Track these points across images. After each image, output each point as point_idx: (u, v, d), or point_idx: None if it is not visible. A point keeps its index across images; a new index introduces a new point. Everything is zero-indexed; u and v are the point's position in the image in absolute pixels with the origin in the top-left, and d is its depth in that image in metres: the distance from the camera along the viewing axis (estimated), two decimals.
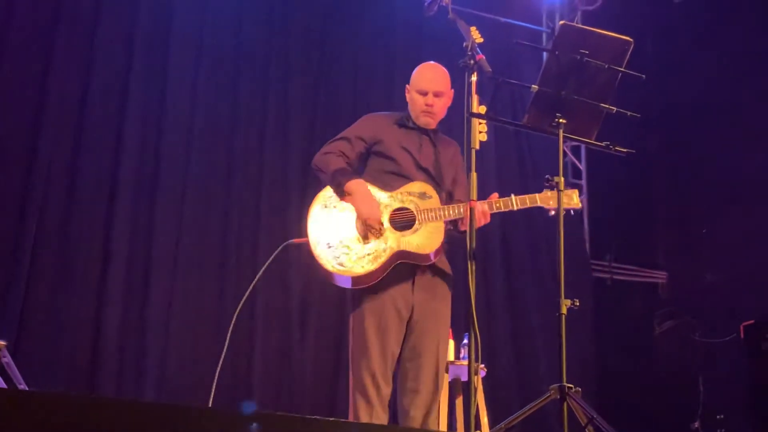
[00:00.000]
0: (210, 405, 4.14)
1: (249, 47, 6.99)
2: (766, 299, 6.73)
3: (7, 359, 4.20)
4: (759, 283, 6.93)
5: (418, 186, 4.00)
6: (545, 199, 4.03)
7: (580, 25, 4.47)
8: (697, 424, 7.15)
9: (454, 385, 5.80)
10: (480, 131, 3.71)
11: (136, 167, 6.29)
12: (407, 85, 4.27)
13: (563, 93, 3.79)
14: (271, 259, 4.09)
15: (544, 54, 7.39)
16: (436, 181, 4.10)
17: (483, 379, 5.59)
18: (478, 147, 3.66)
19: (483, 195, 3.83)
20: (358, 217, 3.90)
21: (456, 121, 5.32)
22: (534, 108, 3.88)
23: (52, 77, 6.12)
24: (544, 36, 8.51)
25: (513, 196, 4.02)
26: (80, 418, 2.16)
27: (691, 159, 8.08)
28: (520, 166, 8.03)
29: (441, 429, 4.53)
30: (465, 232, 3.80)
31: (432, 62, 4.34)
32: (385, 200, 3.96)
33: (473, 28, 3.86)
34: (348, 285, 3.90)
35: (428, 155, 4.15)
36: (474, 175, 3.61)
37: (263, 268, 4.14)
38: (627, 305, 8.45)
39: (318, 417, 2.47)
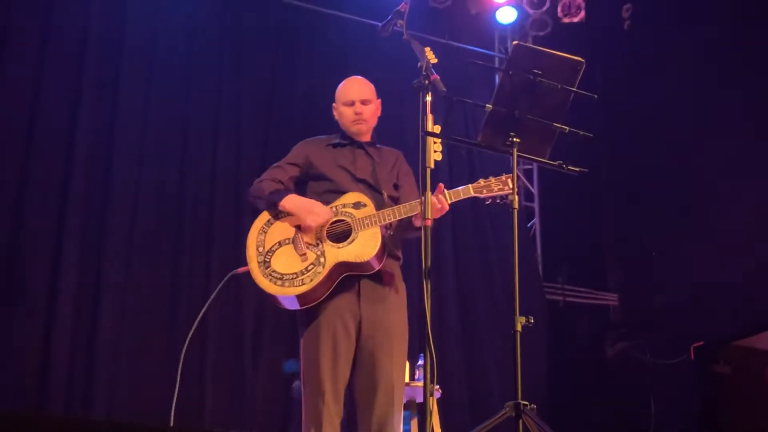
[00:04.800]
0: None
1: (201, 69, 6.98)
2: (715, 321, 6.81)
3: None
4: (709, 304, 7.02)
5: (351, 197, 4.02)
6: (479, 189, 4.06)
7: (533, 46, 4.52)
8: None
9: (409, 406, 5.78)
10: (435, 150, 3.73)
11: (86, 184, 6.22)
12: (333, 104, 4.32)
13: (517, 112, 3.82)
14: (216, 291, 4.07)
15: (497, 77, 7.49)
16: (375, 190, 4.11)
17: (437, 399, 5.58)
18: (432, 166, 3.68)
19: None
20: (305, 228, 3.89)
21: (410, 141, 5.36)
22: (488, 127, 3.90)
23: (0, 88, 6.04)
24: (497, 60, 8.60)
25: (445, 190, 4.00)
26: None
27: (641, 181, 8.19)
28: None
29: None
30: (420, 228, 3.76)
31: (354, 75, 4.39)
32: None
33: (427, 49, 3.89)
34: (296, 306, 3.87)
35: (364, 166, 4.18)
36: (429, 194, 3.62)
37: (209, 300, 4.12)
38: (579, 327, 8.52)
39: None
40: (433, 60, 3.81)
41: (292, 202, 3.96)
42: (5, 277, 5.81)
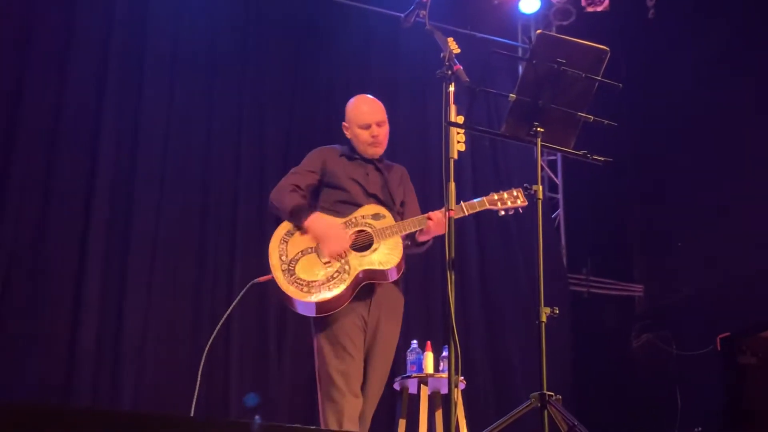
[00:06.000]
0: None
1: (223, 64, 7.01)
2: (742, 311, 6.75)
3: None
4: (735, 295, 6.97)
5: (370, 209, 4.06)
6: (493, 202, 4.11)
7: (556, 34, 4.48)
8: None
9: (433, 398, 5.79)
10: (458, 141, 3.72)
11: (111, 181, 6.28)
12: (344, 123, 4.31)
13: (541, 102, 3.80)
14: (237, 299, 4.10)
15: (520, 68, 7.44)
16: (385, 205, 4.16)
17: (461, 391, 5.57)
18: (456, 157, 3.67)
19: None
20: (326, 252, 3.92)
21: (434, 132, 5.33)
22: (512, 117, 3.88)
23: (26, 91, 6.14)
24: (520, 50, 8.56)
25: (462, 202, 4.06)
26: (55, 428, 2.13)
27: (667, 171, 8.13)
28: (496, 176, 8.05)
29: None
30: (424, 243, 4.04)
31: (364, 95, 4.40)
32: (341, 226, 4.00)
33: (450, 39, 3.88)
34: (312, 313, 3.91)
35: (375, 182, 4.21)
36: (452, 185, 3.62)
37: (230, 309, 4.14)
38: (604, 318, 8.47)
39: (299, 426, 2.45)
40: (456, 50, 3.80)
41: (314, 223, 3.97)
42: (32, 273, 5.86)
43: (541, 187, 3.87)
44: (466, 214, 4.08)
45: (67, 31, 6.40)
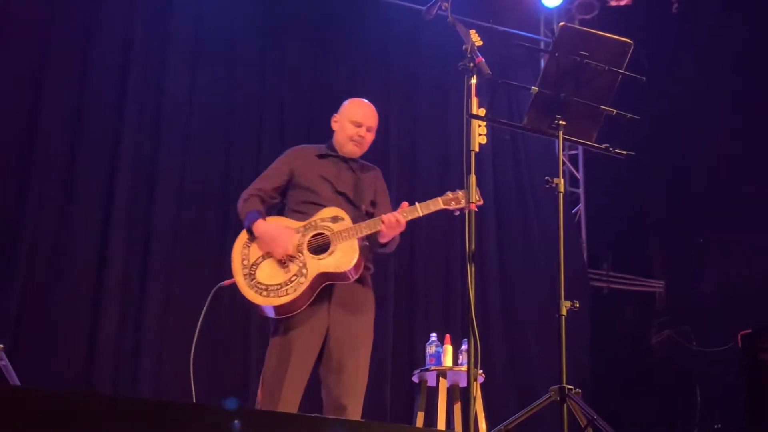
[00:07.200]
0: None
1: (244, 58, 7.03)
2: (763, 308, 6.72)
3: (4, 362, 4.18)
4: (756, 291, 6.93)
5: (329, 211, 4.06)
6: (447, 201, 4.06)
7: (579, 27, 4.46)
8: None
9: (452, 391, 5.79)
10: (480, 134, 3.71)
11: (133, 174, 6.32)
12: (335, 115, 4.34)
13: (563, 95, 3.79)
14: (207, 304, 4.09)
15: (542, 62, 7.42)
16: (354, 204, 4.17)
17: (480, 384, 5.57)
18: (477, 149, 3.67)
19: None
20: (275, 255, 3.95)
21: (455, 124, 5.31)
22: (533, 110, 3.88)
23: (47, 86, 6.17)
24: (542, 44, 8.52)
25: (417, 203, 4.04)
26: (76, 414, 2.15)
27: (689, 166, 8.09)
28: (516, 170, 8.04)
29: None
30: (386, 244, 4.03)
31: (364, 99, 4.39)
32: (300, 230, 4.02)
33: (473, 31, 3.87)
34: (272, 314, 3.94)
35: (346, 180, 4.22)
36: (473, 178, 3.62)
37: (202, 314, 4.13)
38: (624, 314, 8.44)
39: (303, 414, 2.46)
40: (479, 42, 3.79)
41: (259, 229, 4.01)
42: (52, 265, 5.91)
43: (562, 181, 3.85)
44: (421, 214, 4.05)
45: (91, 18, 6.45)
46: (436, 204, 4.06)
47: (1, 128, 5.97)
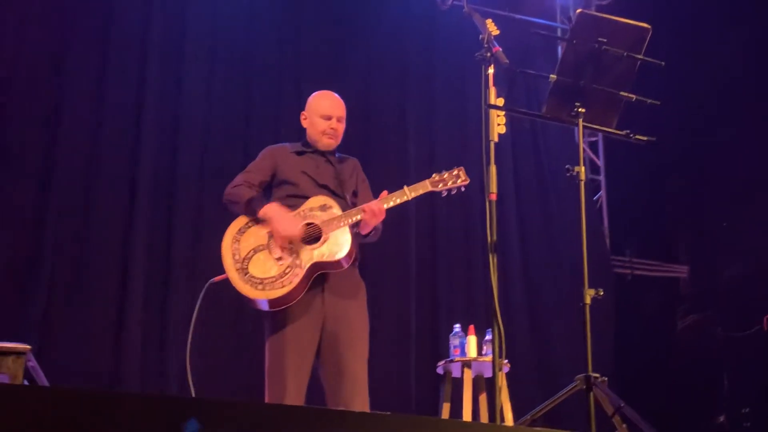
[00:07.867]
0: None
1: (261, 51, 7.04)
2: None
3: (33, 363, 4.20)
4: None
5: (317, 200, 4.05)
6: (434, 183, 4.06)
7: (597, 13, 4.43)
8: (722, 418, 7.09)
9: (477, 381, 5.79)
10: (498, 123, 3.70)
11: (153, 173, 6.36)
12: (303, 112, 4.31)
13: (582, 82, 3.77)
14: (199, 301, 4.09)
15: (559, 50, 7.37)
16: (337, 195, 4.16)
17: (506, 374, 5.57)
18: (496, 139, 3.67)
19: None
20: (277, 237, 3.94)
21: (473, 114, 5.28)
22: (553, 98, 3.86)
23: (66, 88, 6.22)
24: (559, 32, 8.47)
25: (405, 186, 4.03)
26: (101, 413, 2.17)
27: (711, 151, 8.03)
28: (536, 159, 8.02)
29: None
30: (367, 235, 4.02)
31: (328, 91, 4.38)
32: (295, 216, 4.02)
33: (489, 21, 3.85)
34: (266, 307, 3.92)
35: (326, 173, 4.21)
36: (493, 168, 3.61)
37: (195, 311, 4.14)
38: (648, 300, 8.40)
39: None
40: (495, 32, 3.77)
41: (269, 211, 4.00)
42: (76, 263, 5.96)
43: (583, 169, 3.84)
44: (410, 197, 4.04)
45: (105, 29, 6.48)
46: (424, 186, 4.07)
47: (21, 130, 6.03)
